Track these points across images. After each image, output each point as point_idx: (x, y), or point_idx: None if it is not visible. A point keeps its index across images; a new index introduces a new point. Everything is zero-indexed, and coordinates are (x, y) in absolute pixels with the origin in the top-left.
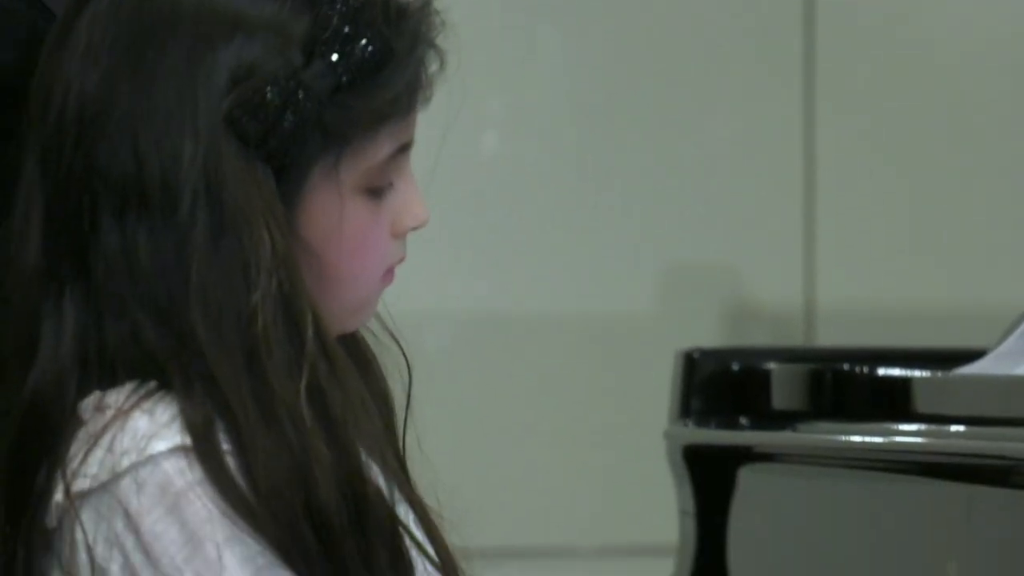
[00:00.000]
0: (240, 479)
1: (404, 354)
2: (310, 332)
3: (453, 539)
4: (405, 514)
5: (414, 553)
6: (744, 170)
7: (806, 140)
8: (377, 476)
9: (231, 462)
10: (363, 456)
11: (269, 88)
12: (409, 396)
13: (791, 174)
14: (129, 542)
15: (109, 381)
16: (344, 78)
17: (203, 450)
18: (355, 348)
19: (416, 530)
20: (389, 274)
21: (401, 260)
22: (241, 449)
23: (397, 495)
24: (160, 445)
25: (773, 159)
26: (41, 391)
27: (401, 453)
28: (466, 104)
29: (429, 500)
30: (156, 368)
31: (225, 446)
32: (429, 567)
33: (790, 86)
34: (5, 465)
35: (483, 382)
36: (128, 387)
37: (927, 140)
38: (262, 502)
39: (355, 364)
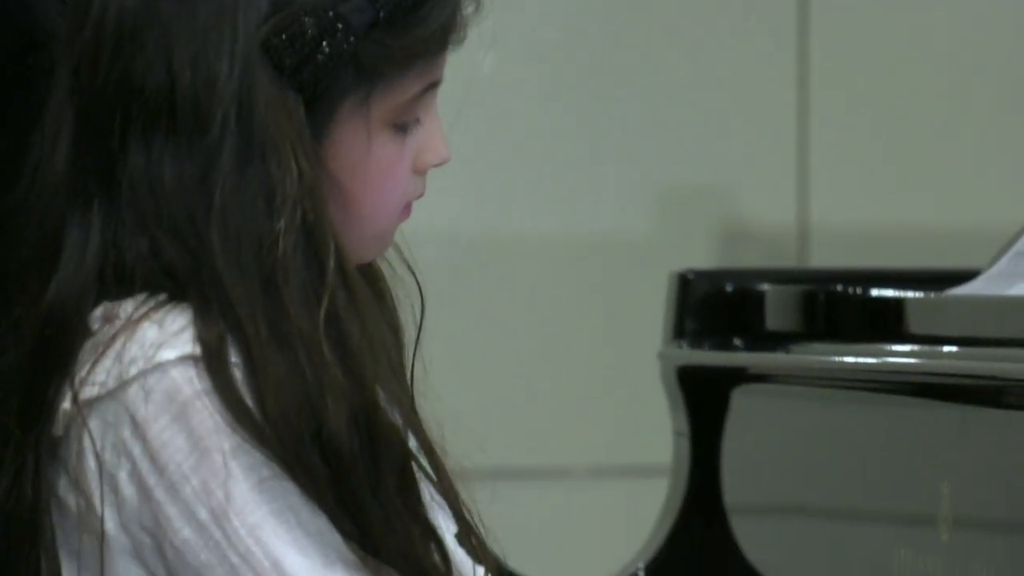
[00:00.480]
0: (248, 398)
1: (419, 286)
2: (331, 263)
3: (449, 462)
4: (411, 444)
5: (421, 482)
6: (738, 92)
7: (800, 62)
8: (390, 407)
9: (240, 377)
10: (377, 388)
11: (307, 18)
12: (420, 328)
13: (785, 96)
14: (136, 449)
15: (124, 293)
16: (382, 14)
17: (212, 363)
18: (371, 278)
19: (421, 458)
20: (407, 209)
21: (420, 196)
22: (252, 371)
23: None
24: (168, 353)
25: (767, 81)
26: (61, 302)
27: (409, 384)
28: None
29: (430, 427)
30: (174, 284)
31: (235, 360)
32: (435, 494)
33: (784, 8)
34: (21, 373)
35: (476, 305)
36: (139, 298)
37: (921, 62)
38: (269, 425)
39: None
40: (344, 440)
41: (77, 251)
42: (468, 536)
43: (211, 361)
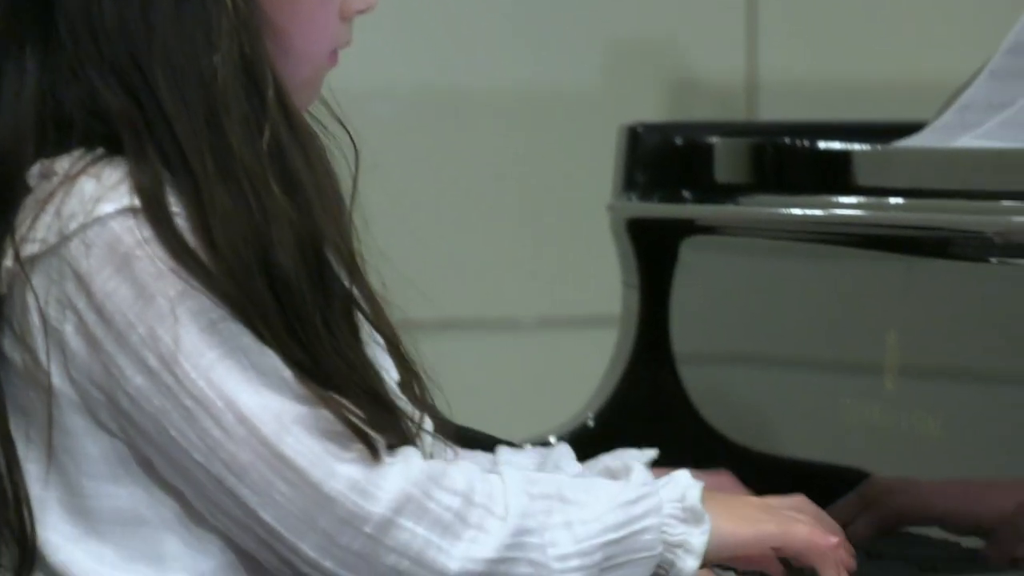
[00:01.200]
0: (193, 238)
1: (352, 140)
2: (271, 93)
3: (397, 313)
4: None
5: (363, 326)
6: None
7: None
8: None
9: (183, 223)
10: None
11: None
12: (356, 180)
13: None
14: (81, 302)
15: (61, 150)
16: None
17: (152, 211)
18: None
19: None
20: (334, 56)
21: (347, 43)
22: (198, 207)
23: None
24: (107, 207)
25: None
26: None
27: (349, 235)
28: None
29: (374, 280)
30: (110, 131)
31: (175, 208)
32: (378, 338)
33: None
34: None
35: (425, 159)
36: (75, 154)
37: None
38: (219, 261)
39: None
40: (292, 269)
41: (12, 98)
42: (410, 384)
43: (151, 209)
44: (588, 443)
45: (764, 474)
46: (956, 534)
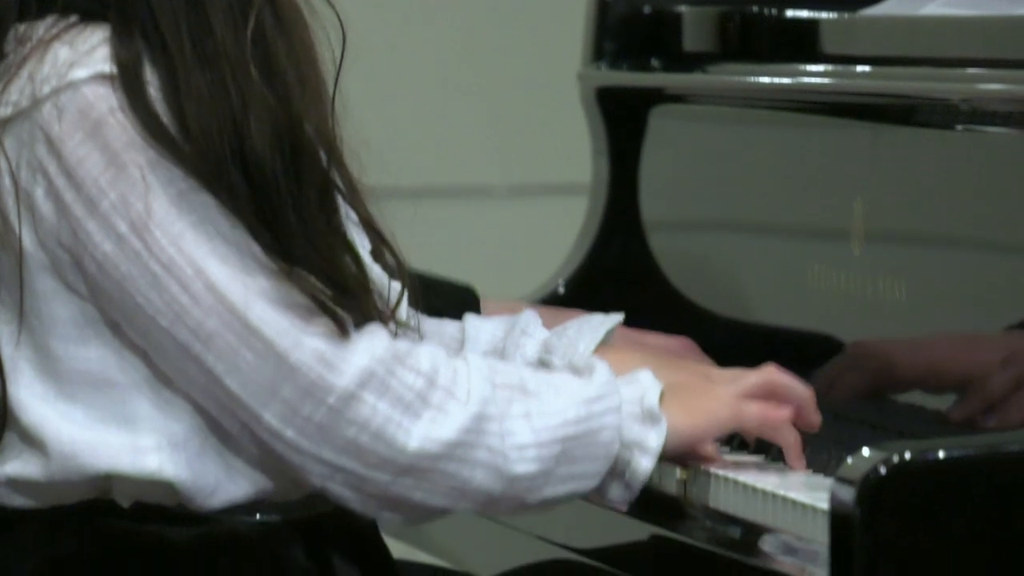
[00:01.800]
0: (167, 117)
1: (340, 20)
2: None
3: (373, 179)
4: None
5: (341, 204)
6: None
7: None
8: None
9: (157, 97)
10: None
11: None
12: (340, 62)
13: None
14: (52, 167)
15: (29, 9)
16: None
17: (127, 81)
18: None
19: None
20: None
21: None
22: (173, 89)
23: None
24: (80, 72)
25: None
26: None
27: (329, 122)
28: None
29: (351, 159)
30: (93, 4)
31: (152, 84)
32: (352, 216)
33: None
34: None
35: (398, 32)
36: (49, 20)
37: None
38: (191, 143)
39: None
40: (267, 158)
41: None
42: (382, 253)
43: (126, 79)
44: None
45: (732, 340)
46: (937, 394)
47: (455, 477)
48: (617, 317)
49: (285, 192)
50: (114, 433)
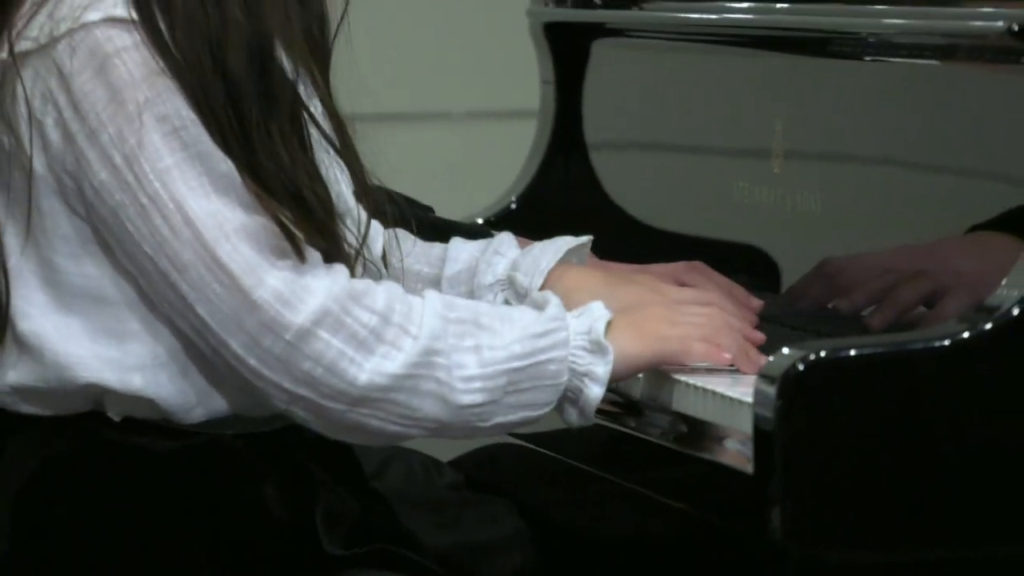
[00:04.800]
0: (164, 40)
1: None
2: None
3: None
4: (315, 106)
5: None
6: None
7: None
8: (283, 56)
9: (162, 29)
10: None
11: None
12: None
13: None
14: (62, 98)
15: None
16: None
17: (136, 21)
18: None
19: (324, 121)
20: None
21: None
22: (166, 14)
23: (311, 89)
24: (93, 15)
25: None
26: None
27: (304, 45)
28: None
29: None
30: None
31: (158, 16)
32: (331, 151)
33: None
34: None
35: None
36: None
37: None
38: (181, 64)
39: None
40: (242, 74)
41: None
42: (365, 194)
43: (135, 20)
44: (511, 224)
45: (666, 249)
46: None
47: (405, 406)
48: (585, 239)
49: (257, 112)
50: (103, 347)
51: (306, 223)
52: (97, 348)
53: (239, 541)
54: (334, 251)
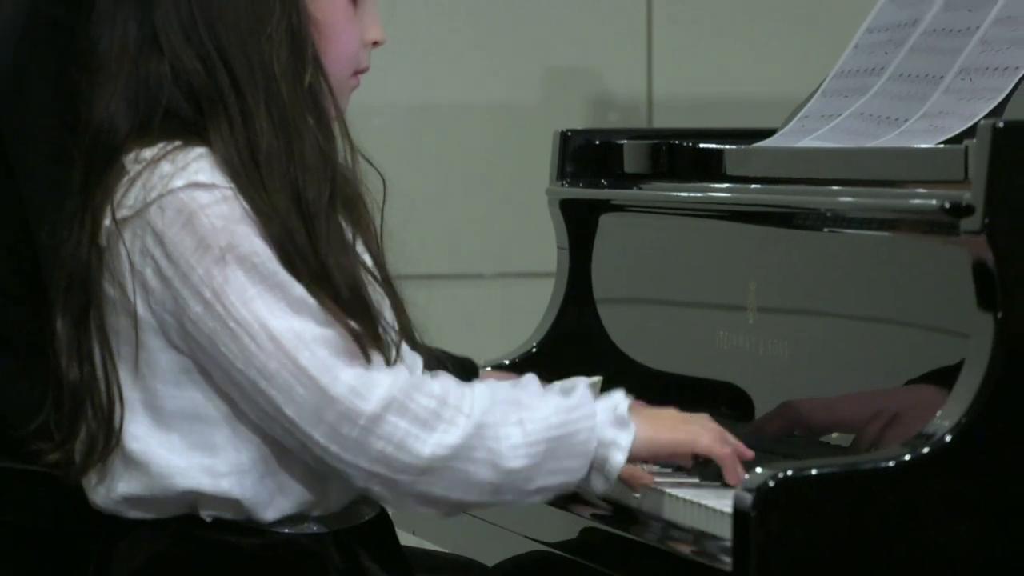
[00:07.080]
0: (245, 196)
1: (382, 177)
2: (310, 52)
3: (395, 268)
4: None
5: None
6: None
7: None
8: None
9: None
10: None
11: None
12: (384, 198)
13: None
14: (157, 251)
15: (147, 135)
16: None
17: (236, 179)
18: None
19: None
20: (356, 77)
21: (366, 69)
22: (255, 171)
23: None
24: (178, 182)
25: None
26: (101, 126)
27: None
28: None
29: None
30: (193, 111)
31: (227, 181)
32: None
33: None
34: (81, 179)
35: (418, 159)
36: (158, 146)
37: None
38: (265, 215)
39: None
40: (321, 206)
41: (111, 82)
42: (411, 342)
43: (235, 183)
44: (532, 365)
45: (660, 386)
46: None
47: (463, 472)
48: (596, 378)
49: (325, 246)
50: (198, 458)
51: (371, 332)
52: (194, 459)
53: None
54: (388, 354)
